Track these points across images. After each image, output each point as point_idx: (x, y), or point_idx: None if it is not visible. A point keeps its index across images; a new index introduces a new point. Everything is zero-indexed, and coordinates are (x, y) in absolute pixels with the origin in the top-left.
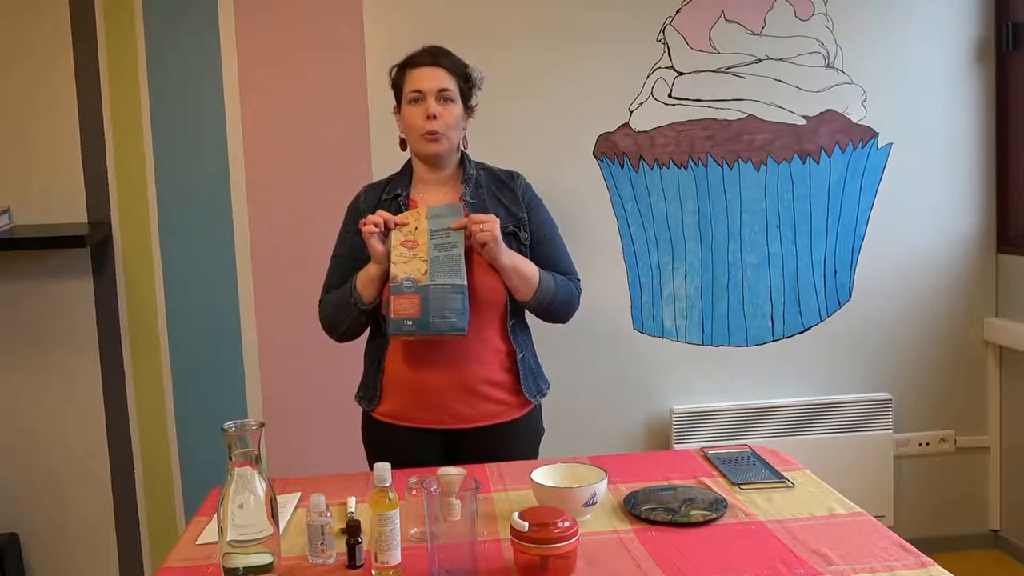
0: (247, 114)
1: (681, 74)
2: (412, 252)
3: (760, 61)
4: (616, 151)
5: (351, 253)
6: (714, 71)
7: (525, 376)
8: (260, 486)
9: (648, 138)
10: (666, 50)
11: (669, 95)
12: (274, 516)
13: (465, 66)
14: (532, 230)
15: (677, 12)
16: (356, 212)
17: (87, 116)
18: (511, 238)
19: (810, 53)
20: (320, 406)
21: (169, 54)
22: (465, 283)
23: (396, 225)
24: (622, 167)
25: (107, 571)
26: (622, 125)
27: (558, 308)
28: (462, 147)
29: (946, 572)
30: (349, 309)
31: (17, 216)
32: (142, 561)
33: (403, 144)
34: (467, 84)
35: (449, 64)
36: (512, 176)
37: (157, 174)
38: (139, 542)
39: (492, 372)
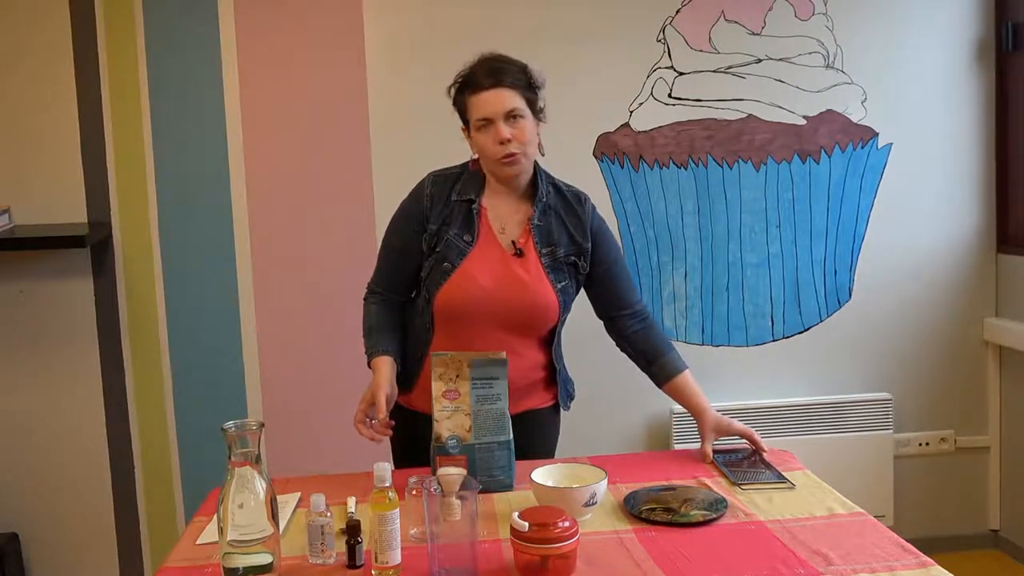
0: (247, 114)
1: (681, 74)
2: (455, 405)
3: (760, 61)
4: (616, 151)
5: (403, 246)
6: (714, 71)
7: (560, 388)
8: (260, 486)
9: (648, 138)
10: (666, 50)
11: (669, 95)
12: (274, 516)
13: (526, 73)
14: (595, 260)
15: (677, 12)
16: (419, 202)
17: (87, 116)
18: (571, 268)
19: (810, 53)
20: (320, 406)
21: (169, 54)
22: (511, 438)
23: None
24: (622, 167)
25: (107, 571)
26: (622, 125)
27: None
28: (540, 153)
29: (946, 572)
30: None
31: (17, 216)
32: (142, 561)
33: (475, 163)
34: (532, 91)
35: (511, 80)
36: (580, 199)
37: (157, 174)
38: (139, 542)
39: (531, 383)
